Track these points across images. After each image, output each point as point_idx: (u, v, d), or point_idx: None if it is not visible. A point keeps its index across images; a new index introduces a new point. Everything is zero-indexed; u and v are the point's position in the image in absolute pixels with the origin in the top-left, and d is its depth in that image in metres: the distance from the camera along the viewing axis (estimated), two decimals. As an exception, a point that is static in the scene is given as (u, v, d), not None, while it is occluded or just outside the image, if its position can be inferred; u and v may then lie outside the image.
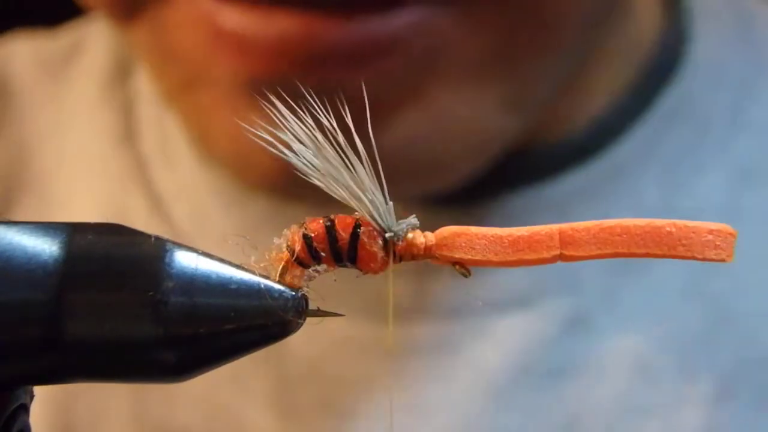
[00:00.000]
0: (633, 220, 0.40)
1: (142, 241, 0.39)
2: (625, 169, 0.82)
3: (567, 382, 0.77)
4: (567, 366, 0.78)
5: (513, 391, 0.77)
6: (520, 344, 0.78)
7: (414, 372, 0.78)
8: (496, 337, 0.78)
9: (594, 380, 0.77)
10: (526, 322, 0.78)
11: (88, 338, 0.38)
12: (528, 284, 0.79)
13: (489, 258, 0.41)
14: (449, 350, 0.78)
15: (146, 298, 0.38)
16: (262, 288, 0.40)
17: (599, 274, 0.79)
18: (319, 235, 0.42)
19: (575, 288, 0.79)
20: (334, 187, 0.42)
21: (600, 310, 0.79)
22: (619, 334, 0.78)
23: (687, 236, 0.39)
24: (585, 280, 0.79)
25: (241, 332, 0.39)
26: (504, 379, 0.77)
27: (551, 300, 0.79)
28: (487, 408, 0.77)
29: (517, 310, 0.78)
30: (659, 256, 0.39)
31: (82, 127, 0.92)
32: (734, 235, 0.40)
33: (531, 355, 0.78)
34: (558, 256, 0.40)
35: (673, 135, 0.83)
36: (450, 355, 0.78)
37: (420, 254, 0.42)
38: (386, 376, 0.78)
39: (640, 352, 0.78)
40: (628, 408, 0.77)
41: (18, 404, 0.39)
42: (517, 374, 0.77)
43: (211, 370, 0.40)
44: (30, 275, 0.38)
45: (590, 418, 0.77)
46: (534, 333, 0.78)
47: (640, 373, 0.77)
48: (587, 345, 0.78)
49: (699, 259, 0.39)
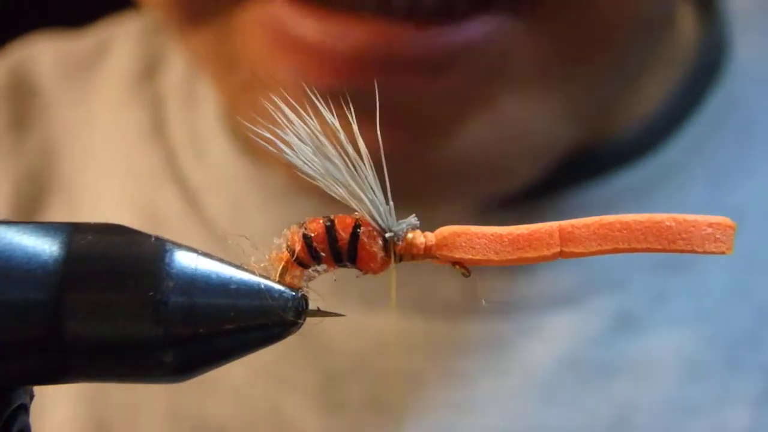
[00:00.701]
0: (633, 216, 0.41)
1: (142, 241, 0.39)
2: (673, 169, 0.83)
3: (615, 380, 0.78)
4: (615, 364, 0.78)
5: (561, 388, 0.78)
6: (569, 342, 0.78)
7: (463, 370, 0.79)
8: (544, 334, 0.79)
9: (641, 378, 0.78)
10: (575, 319, 0.79)
11: (88, 338, 0.38)
12: (576, 282, 0.80)
13: (489, 257, 0.41)
14: (498, 347, 0.79)
15: (146, 298, 0.38)
16: (262, 288, 0.40)
17: (647, 271, 0.80)
18: (319, 235, 0.42)
19: (623, 286, 0.80)
20: (333, 186, 0.42)
21: (648, 308, 0.79)
22: (666, 332, 0.79)
23: (687, 230, 0.39)
24: (633, 277, 0.80)
25: (241, 332, 0.39)
26: (552, 377, 0.78)
27: (599, 298, 0.79)
28: (536, 405, 0.78)
29: (565, 307, 0.79)
30: (659, 250, 0.40)
31: (109, 125, 0.92)
32: (733, 227, 0.40)
33: (579, 352, 0.78)
34: (558, 253, 0.40)
35: (719, 137, 0.85)
36: (499, 353, 0.79)
37: (420, 254, 0.42)
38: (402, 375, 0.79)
39: (687, 350, 0.78)
40: (676, 406, 0.77)
41: (18, 404, 0.39)
42: (566, 372, 0.78)
43: (211, 371, 0.40)
44: (30, 275, 0.38)
45: (638, 416, 0.77)
46: (582, 330, 0.79)
47: (687, 371, 0.78)
48: (635, 343, 0.79)
49: (699, 252, 0.39)
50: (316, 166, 0.42)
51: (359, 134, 0.41)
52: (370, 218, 0.42)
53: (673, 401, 0.77)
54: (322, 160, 0.41)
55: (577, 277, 0.80)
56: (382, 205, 0.42)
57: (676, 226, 0.40)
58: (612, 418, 0.77)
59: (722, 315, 0.79)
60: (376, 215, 0.42)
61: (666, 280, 0.80)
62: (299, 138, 0.41)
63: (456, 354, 0.79)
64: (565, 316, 0.79)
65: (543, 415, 0.78)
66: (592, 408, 0.77)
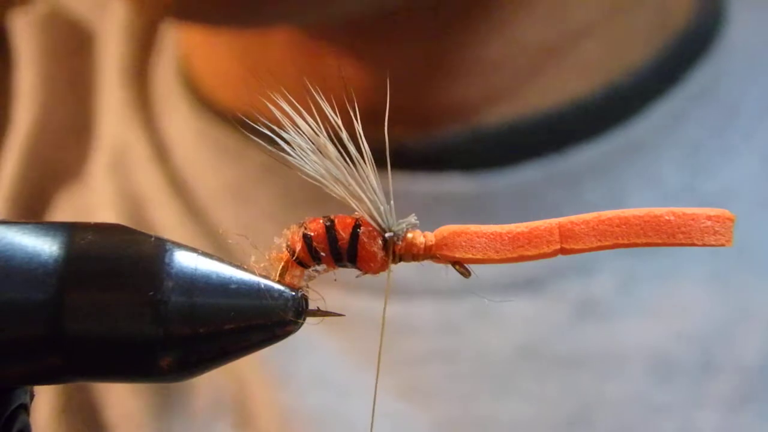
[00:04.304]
0: (631, 211, 0.41)
1: (142, 241, 0.39)
2: (644, 146, 0.78)
3: (575, 373, 0.73)
4: (576, 355, 0.73)
5: (516, 378, 0.73)
6: (526, 328, 0.74)
7: (412, 353, 0.75)
8: (499, 319, 0.74)
9: (605, 373, 0.73)
10: (534, 304, 0.74)
11: (88, 338, 0.38)
12: (536, 263, 0.75)
13: (490, 256, 0.41)
14: (449, 331, 0.75)
15: (146, 298, 0.38)
16: (262, 288, 0.40)
17: (615, 255, 0.74)
18: (319, 235, 0.42)
19: (589, 270, 0.74)
20: (334, 186, 0.42)
21: (615, 296, 0.74)
22: (634, 323, 0.74)
23: (686, 223, 0.40)
24: (600, 261, 0.74)
25: (241, 332, 0.39)
26: (507, 366, 0.74)
27: (561, 281, 0.74)
28: (487, 396, 0.73)
29: (523, 291, 0.74)
30: (659, 244, 0.40)
31: None
32: (732, 219, 0.40)
33: (537, 341, 0.74)
34: (559, 250, 0.40)
35: (699, 115, 0.79)
36: (450, 336, 0.75)
37: (420, 254, 0.42)
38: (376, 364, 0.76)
39: (656, 344, 0.73)
40: (641, 405, 0.72)
41: (18, 404, 0.39)
42: (522, 361, 0.73)
43: (211, 370, 0.40)
44: (30, 275, 0.38)
45: (599, 413, 0.72)
46: (542, 317, 0.74)
47: (655, 367, 0.73)
48: (599, 333, 0.74)
49: (699, 245, 0.39)
50: (316, 166, 0.42)
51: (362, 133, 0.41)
52: (370, 218, 0.42)
53: (639, 399, 0.72)
54: (322, 159, 0.41)
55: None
56: (382, 205, 0.42)
57: (675, 219, 0.40)
58: (570, 414, 0.72)
59: (697, 308, 0.74)
60: (376, 215, 0.42)
61: (636, 265, 0.75)
62: (299, 136, 0.41)
63: (403, 335, 0.75)
64: (523, 300, 0.74)
65: (495, 406, 0.73)
66: (549, 402, 0.72)
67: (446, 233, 0.42)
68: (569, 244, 0.40)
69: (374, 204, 0.42)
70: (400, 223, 0.42)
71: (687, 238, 0.40)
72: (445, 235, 0.42)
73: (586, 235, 0.40)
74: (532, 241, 0.40)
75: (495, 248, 0.41)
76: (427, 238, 0.42)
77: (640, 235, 0.40)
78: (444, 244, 0.42)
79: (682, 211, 0.40)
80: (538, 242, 0.40)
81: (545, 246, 0.40)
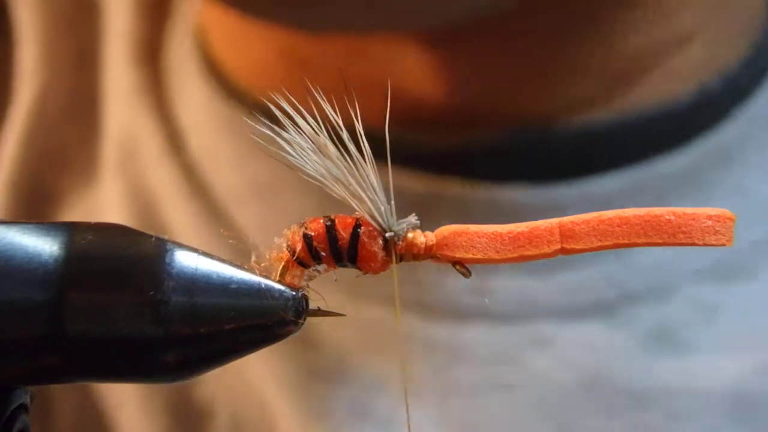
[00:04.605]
0: (632, 210, 0.41)
1: (143, 241, 0.39)
2: (731, 153, 0.71)
3: (646, 409, 0.66)
4: (647, 391, 0.67)
5: (579, 413, 0.67)
6: (592, 358, 0.67)
7: (464, 383, 0.68)
8: (561, 347, 0.68)
9: (678, 409, 0.66)
10: (602, 331, 0.68)
11: (88, 338, 0.38)
12: (606, 287, 0.69)
13: (490, 256, 0.41)
14: (506, 359, 0.69)
15: (147, 298, 0.38)
16: (262, 288, 0.40)
17: (695, 279, 0.69)
18: (320, 234, 0.42)
19: (665, 294, 0.68)
20: (334, 185, 0.42)
21: (693, 326, 0.68)
22: (714, 357, 0.67)
23: (687, 223, 0.40)
24: (678, 286, 0.68)
25: (242, 332, 0.39)
26: (570, 399, 0.67)
27: (633, 308, 0.68)
28: (548, 431, 0.67)
29: (590, 317, 0.68)
30: (660, 244, 0.40)
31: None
32: (733, 219, 0.40)
33: (604, 373, 0.67)
34: (559, 250, 0.40)
35: None
36: (506, 365, 0.68)
37: (421, 254, 0.42)
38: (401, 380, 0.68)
39: (738, 382, 0.66)
40: None
41: (18, 404, 0.39)
42: (586, 394, 0.67)
43: (211, 370, 0.40)
44: (31, 275, 0.38)
45: None
46: (610, 346, 0.67)
47: (734, 405, 0.66)
48: (674, 367, 0.67)
49: (699, 244, 0.39)
50: (316, 165, 0.42)
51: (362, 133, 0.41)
52: (371, 218, 0.42)
53: None
54: (323, 159, 0.41)
55: (607, 281, 0.68)
56: (383, 205, 0.42)
57: (676, 219, 0.40)
58: None
59: None
60: (376, 215, 0.42)
61: (717, 292, 0.68)
62: (300, 136, 0.41)
63: (453, 363, 0.69)
64: (590, 327, 0.68)
65: None
66: None
67: (446, 233, 0.42)
68: (570, 243, 0.40)
69: (375, 204, 0.42)
70: (401, 223, 0.42)
71: (688, 238, 0.40)
72: (446, 235, 0.42)
73: (586, 235, 0.40)
74: (532, 240, 0.40)
75: (496, 248, 0.41)
76: (427, 238, 0.42)
77: (640, 234, 0.40)
78: (444, 244, 0.42)
79: (682, 211, 0.40)
80: (538, 242, 0.40)
81: (546, 246, 0.40)
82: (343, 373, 0.70)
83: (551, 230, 0.40)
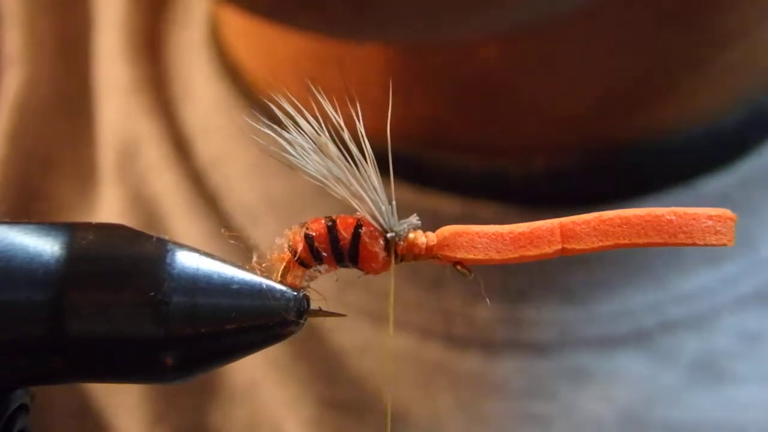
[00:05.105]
0: (632, 210, 0.41)
1: (144, 241, 0.39)
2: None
3: None
4: (689, 423, 0.63)
5: None
6: (631, 390, 0.64)
7: (495, 417, 0.65)
8: (599, 379, 0.65)
9: None
10: (641, 362, 0.65)
11: (89, 338, 0.38)
12: (645, 315, 0.65)
13: (491, 256, 0.41)
14: (540, 392, 0.65)
15: (147, 299, 0.38)
16: (263, 288, 0.40)
17: (739, 306, 0.65)
18: (321, 235, 0.42)
19: (707, 322, 0.65)
20: (335, 185, 0.42)
21: (739, 355, 0.65)
22: (758, 387, 0.64)
23: (687, 223, 0.40)
24: (721, 313, 0.65)
25: (243, 332, 0.39)
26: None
27: (675, 336, 0.65)
28: None
29: (629, 347, 0.65)
30: (660, 244, 0.40)
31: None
32: (734, 219, 0.40)
33: (644, 404, 0.64)
34: (560, 250, 0.41)
35: None
36: (540, 399, 0.65)
37: (422, 254, 0.42)
38: (386, 387, 0.66)
39: None
40: None
41: (18, 404, 0.39)
42: (625, 428, 0.64)
43: (212, 371, 0.40)
44: (31, 275, 0.37)
45: None
46: (650, 377, 0.64)
47: None
48: (717, 398, 0.64)
49: (700, 244, 0.39)
50: (317, 165, 0.41)
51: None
52: (372, 218, 0.42)
53: None
54: (324, 159, 0.41)
55: (648, 309, 0.65)
56: (384, 205, 0.42)
57: (677, 219, 0.40)
58: None
59: None
60: (377, 215, 0.42)
61: (762, 319, 0.65)
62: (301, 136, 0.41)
63: (484, 395, 0.65)
64: (629, 357, 0.64)
65: None
66: None
67: (447, 233, 0.42)
68: (570, 244, 0.40)
69: (376, 204, 0.42)
70: (402, 224, 0.42)
71: (688, 238, 0.40)
72: (447, 235, 0.42)
73: (587, 235, 0.40)
74: (533, 241, 0.41)
75: (496, 248, 0.41)
76: (428, 238, 0.42)
77: (641, 235, 0.40)
78: (445, 245, 0.42)
79: (683, 211, 0.40)
80: (539, 242, 0.40)
81: (546, 246, 0.40)
82: (363, 404, 0.67)
83: (552, 230, 0.40)
